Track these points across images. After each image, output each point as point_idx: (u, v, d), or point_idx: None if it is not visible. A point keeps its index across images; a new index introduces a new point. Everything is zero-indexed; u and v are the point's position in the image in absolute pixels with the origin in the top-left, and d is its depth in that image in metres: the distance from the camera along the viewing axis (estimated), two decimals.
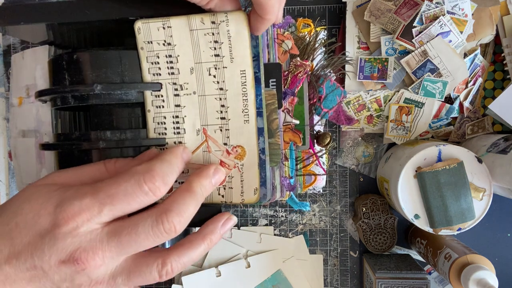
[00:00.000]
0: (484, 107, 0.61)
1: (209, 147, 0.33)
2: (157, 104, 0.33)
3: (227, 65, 0.31)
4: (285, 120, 0.41)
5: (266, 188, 0.32)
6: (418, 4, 0.57)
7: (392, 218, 0.62)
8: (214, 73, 0.32)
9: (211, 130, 0.33)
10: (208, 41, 0.31)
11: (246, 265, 0.64)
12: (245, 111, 0.32)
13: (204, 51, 0.31)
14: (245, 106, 0.32)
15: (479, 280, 0.47)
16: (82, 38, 0.36)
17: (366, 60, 0.60)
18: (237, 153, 0.32)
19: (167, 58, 0.32)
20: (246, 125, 0.32)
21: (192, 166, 0.33)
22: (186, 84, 0.32)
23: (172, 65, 0.32)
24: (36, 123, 0.55)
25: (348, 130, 0.64)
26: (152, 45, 0.32)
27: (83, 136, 0.33)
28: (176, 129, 0.33)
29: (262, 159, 0.32)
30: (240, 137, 0.32)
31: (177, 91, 0.33)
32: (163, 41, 0.32)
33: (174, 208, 0.28)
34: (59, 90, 0.33)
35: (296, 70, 0.42)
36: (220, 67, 0.31)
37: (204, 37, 0.31)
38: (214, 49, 0.31)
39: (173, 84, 0.32)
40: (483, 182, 0.51)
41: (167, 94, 0.33)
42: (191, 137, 0.33)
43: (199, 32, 0.31)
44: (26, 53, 0.56)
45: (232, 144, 0.32)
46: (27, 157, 0.56)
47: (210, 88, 0.32)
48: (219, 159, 0.33)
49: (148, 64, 0.32)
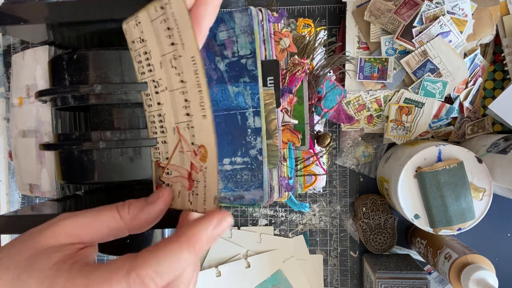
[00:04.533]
0: (484, 107, 0.61)
1: (182, 147, 0.30)
2: (148, 103, 0.32)
3: (181, 53, 0.28)
4: (283, 120, 0.41)
5: (263, 190, 0.30)
6: (418, 4, 0.57)
7: (392, 218, 0.62)
8: (175, 64, 0.28)
9: (182, 128, 0.29)
10: (163, 29, 0.28)
11: (246, 265, 0.64)
12: (202, 104, 0.27)
13: (163, 42, 0.28)
14: (201, 98, 0.27)
15: (479, 280, 0.47)
16: (82, 38, 0.36)
17: (366, 60, 0.60)
18: (201, 154, 0.28)
19: (144, 55, 0.30)
20: (204, 121, 0.28)
21: (173, 167, 0.31)
22: (160, 80, 0.30)
23: (149, 61, 0.30)
24: (36, 123, 0.55)
25: (348, 130, 0.64)
26: (134, 44, 0.31)
27: (83, 136, 0.33)
28: (161, 128, 0.31)
29: (260, 161, 0.30)
30: (202, 135, 0.28)
31: (156, 88, 0.30)
32: (139, 38, 0.30)
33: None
34: (59, 90, 0.33)
35: (294, 68, 0.42)
36: (177, 57, 0.28)
37: (160, 25, 0.28)
38: (169, 37, 0.28)
39: (153, 81, 0.31)
40: (483, 182, 0.51)
41: (151, 92, 0.31)
42: (171, 135, 0.30)
43: (157, 21, 0.28)
44: (26, 53, 0.56)
45: (197, 144, 0.28)
46: (27, 157, 0.56)
47: (175, 81, 0.29)
48: (190, 160, 0.29)
49: (137, 64, 0.31)
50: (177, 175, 0.31)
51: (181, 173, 0.30)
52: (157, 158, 0.32)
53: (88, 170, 0.33)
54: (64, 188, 0.43)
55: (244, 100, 0.30)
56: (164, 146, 0.32)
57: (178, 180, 0.31)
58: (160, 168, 0.32)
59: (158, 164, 0.32)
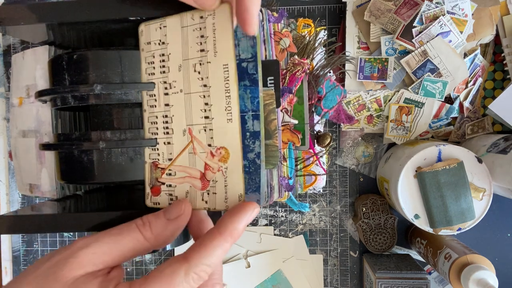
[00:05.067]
0: (484, 107, 0.61)
1: (194, 148, 0.31)
2: (151, 104, 0.32)
3: (211, 59, 0.29)
4: (283, 120, 0.41)
5: (260, 193, 0.31)
6: (418, 4, 0.57)
7: (392, 218, 0.62)
8: (199, 69, 0.30)
9: (196, 130, 0.31)
10: (195, 36, 0.30)
11: (246, 265, 0.64)
12: (228, 109, 0.29)
13: (192, 47, 0.30)
14: (228, 103, 0.29)
15: (479, 280, 0.47)
16: (82, 38, 0.36)
17: (366, 60, 0.60)
18: (220, 155, 0.30)
19: (160, 57, 0.32)
20: (229, 125, 0.29)
21: (178, 168, 0.32)
22: (174, 82, 0.31)
23: (164, 63, 0.31)
24: (36, 123, 0.55)
25: (348, 130, 0.64)
26: (150, 46, 0.32)
27: (83, 136, 0.33)
28: (166, 129, 0.32)
29: (258, 164, 0.30)
30: (224, 138, 0.30)
31: (167, 89, 0.31)
32: (158, 40, 0.31)
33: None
34: (59, 90, 0.33)
35: (294, 68, 0.42)
36: (204, 62, 0.30)
37: (192, 33, 0.30)
38: (200, 44, 0.30)
39: (164, 82, 0.32)
40: (483, 182, 0.51)
41: (159, 93, 0.32)
42: (179, 137, 0.31)
43: (189, 28, 0.30)
44: (26, 53, 0.56)
45: (216, 146, 0.30)
46: (28, 157, 0.56)
47: (195, 85, 0.30)
48: (204, 161, 0.30)
49: (146, 65, 0.32)
50: (184, 176, 0.31)
51: (191, 173, 0.31)
52: (154, 159, 0.32)
53: (88, 170, 0.33)
54: (64, 188, 0.43)
55: (243, 103, 0.31)
56: (166, 147, 0.32)
57: (185, 180, 0.31)
58: (158, 169, 0.32)
59: (156, 165, 0.32)
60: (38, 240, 0.70)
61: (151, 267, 0.68)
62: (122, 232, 0.28)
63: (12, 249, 0.70)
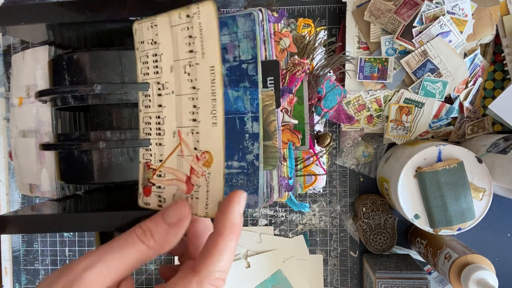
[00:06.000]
0: (484, 107, 0.61)
1: (182, 151, 0.30)
2: (146, 104, 0.32)
3: (199, 61, 0.29)
4: (283, 120, 0.41)
5: (258, 195, 0.30)
6: (418, 4, 0.57)
7: (392, 218, 0.62)
8: (189, 70, 0.30)
9: (185, 133, 0.30)
10: (184, 36, 0.29)
11: (246, 265, 0.64)
12: (213, 112, 0.29)
13: (181, 48, 0.30)
14: (214, 106, 0.28)
15: (479, 280, 0.47)
16: (82, 38, 0.36)
17: (366, 60, 0.60)
18: (205, 159, 0.29)
19: (153, 57, 0.31)
20: (214, 128, 0.29)
21: (167, 170, 0.31)
22: (166, 83, 0.31)
23: (157, 63, 0.31)
24: (36, 123, 0.55)
25: (348, 130, 0.64)
26: (143, 45, 0.32)
27: (83, 136, 0.33)
28: (158, 130, 0.32)
29: (256, 166, 0.30)
30: (209, 142, 0.29)
31: (160, 90, 0.31)
32: (151, 40, 0.31)
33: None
34: (59, 90, 0.33)
35: (294, 68, 0.42)
36: (193, 64, 0.29)
37: (181, 32, 0.29)
38: (189, 44, 0.29)
39: (157, 83, 0.31)
40: (483, 182, 0.51)
41: (153, 93, 0.32)
42: (169, 139, 0.31)
43: (178, 27, 0.29)
44: (26, 53, 0.56)
45: (201, 149, 0.29)
46: (27, 157, 0.56)
47: (185, 87, 0.30)
48: (190, 165, 0.30)
49: (141, 64, 0.32)
50: (172, 178, 0.31)
51: (178, 176, 0.30)
52: (147, 159, 0.32)
53: (88, 170, 0.33)
54: (64, 188, 0.43)
55: (243, 105, 0.31)
56: (158, 148, 0.32)
57: (172, 183, 0.31)
58: (150, 169, 0.32)
59: (148, 165, 0.32)
60: (38, 240, 0.70)
61: (151, 266, 0.68)
62: (124, 245, 0.28)
63: (12, 249, 0.70)
